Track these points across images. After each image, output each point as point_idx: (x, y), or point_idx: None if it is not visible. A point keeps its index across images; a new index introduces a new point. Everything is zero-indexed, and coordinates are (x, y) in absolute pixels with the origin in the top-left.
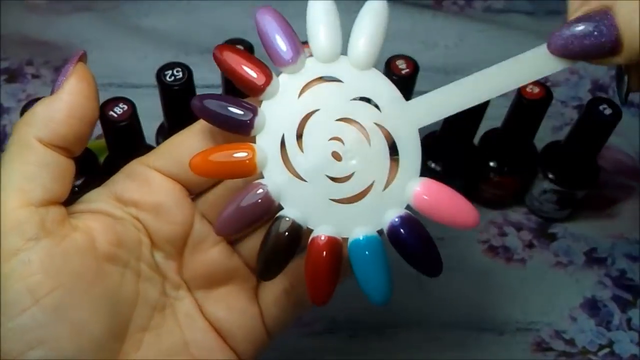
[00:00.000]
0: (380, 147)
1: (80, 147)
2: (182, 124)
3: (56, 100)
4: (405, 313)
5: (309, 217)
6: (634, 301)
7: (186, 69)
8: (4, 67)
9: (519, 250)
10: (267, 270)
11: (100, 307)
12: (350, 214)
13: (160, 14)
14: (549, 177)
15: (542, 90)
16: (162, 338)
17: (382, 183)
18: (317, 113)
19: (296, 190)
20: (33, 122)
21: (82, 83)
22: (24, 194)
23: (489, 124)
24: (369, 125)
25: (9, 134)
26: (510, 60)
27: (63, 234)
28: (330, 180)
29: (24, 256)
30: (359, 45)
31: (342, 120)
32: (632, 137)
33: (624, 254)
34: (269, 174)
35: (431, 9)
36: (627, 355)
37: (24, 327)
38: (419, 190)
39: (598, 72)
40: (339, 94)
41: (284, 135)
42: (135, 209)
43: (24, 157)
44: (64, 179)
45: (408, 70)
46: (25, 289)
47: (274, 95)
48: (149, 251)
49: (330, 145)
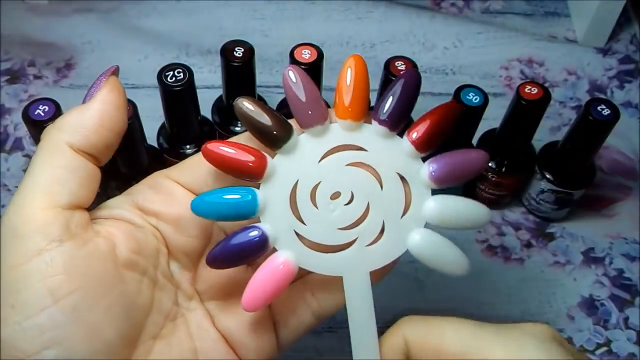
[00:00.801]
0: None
1: (107, 156)
2: (183, 124)
3: (88, 108)
4: (405, 312)
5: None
6: (631, 300)
7: (187, 69)
8: (6, 68)
9: (517, 250)
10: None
11: (116, 313)
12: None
13: (161, 15)
14: (547, 177)
15: (541, 91)
16: (172, 347)
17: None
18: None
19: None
20: (64, 128)
21: (113, 94)
22: (51, 196)
23: (488, 124)
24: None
25: (11, 134)
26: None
27: (86, 238)
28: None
29: (47, 256)
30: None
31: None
32: (630, 138)
33: (621, 253)
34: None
35: (430, 11)
36: (624, 354)
37: (40, 326)
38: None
39: (596, 73)
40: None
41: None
42: (155, 219)
43: (53, 161)
44: (90, 185)
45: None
46: (45, 288)
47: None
48: (165, 261)
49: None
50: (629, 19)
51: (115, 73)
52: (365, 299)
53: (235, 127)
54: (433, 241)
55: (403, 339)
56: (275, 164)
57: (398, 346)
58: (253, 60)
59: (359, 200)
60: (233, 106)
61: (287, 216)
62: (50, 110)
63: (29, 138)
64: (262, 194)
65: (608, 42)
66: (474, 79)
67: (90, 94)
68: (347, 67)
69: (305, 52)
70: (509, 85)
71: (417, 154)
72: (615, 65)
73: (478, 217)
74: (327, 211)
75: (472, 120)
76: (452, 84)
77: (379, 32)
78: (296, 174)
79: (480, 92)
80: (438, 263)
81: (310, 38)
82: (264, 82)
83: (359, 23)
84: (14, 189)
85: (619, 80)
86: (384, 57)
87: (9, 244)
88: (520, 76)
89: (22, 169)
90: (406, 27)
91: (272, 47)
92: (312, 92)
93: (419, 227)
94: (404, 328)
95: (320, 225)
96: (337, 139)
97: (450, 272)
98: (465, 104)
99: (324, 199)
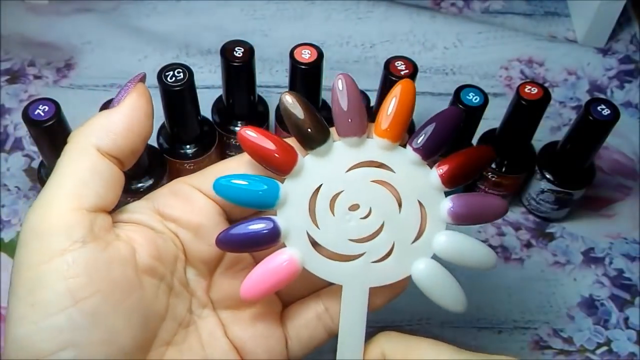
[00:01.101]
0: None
1: (132, 162)
2: (183, 124)
3: (117, 113)
4: (404, 312)
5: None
6: (631, 300)
7: (187, 69)
8: (6, 68)
9: (517, 250)
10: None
11: (133, 318)
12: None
13: (161, 15)
14: (547, 177)
15: (541, 91)
16: (183, 354)
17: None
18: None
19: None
20: (92, 131)
21: (142, 100)
22: (76, 198)
23: (488, 124)
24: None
25: (11, 134)
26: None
27: (108, 241)
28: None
29: (69, 257)
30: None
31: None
32: (630, 138)
33: (621, 253)
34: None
35: (430, 11)
36: (625, 353)
37: (58, 327)
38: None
39: (596, 73)
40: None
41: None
42: (175, 225)
43: (80, 163)
44: (115, 189)
45: (407, 72)
46: (65, 289)
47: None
48: (182, 267)
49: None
50: (629, 19)
51: (143, 80)
52: (359, 312)
53: (235, 127)
54: (436, 274)
55: (382, 354)
56: (305, 163)
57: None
58: (253, 60)
59: (375, 216)
60: (279, 99)
61: (304, 216)
62: (50, 110)
63: (29, 138)
64: (284, 188)
65: (608, 42)
66: (474, 79)
67: (118, 99)
68: (397, 89)
69: (305, 52)
70: (509, 85)
71: (442, 188)
72: (615, 65)
73: (484, 261)
74: (343, 221)
75: (472, 120)
76: (452, 84)
77: (379, 32)
78: (322, 178)
79: (480, 92)
80: (436, 296)
81: (310, 38)
82: (264, 82)
83: (359, 23)
84: (13, 189)
85: (619, 80)
86: (384, 57)
87: (31, 243)
88: (520, 76)
89: (22, 168)
90: (406, 27)
91: (272, 47)
92: (355, 102)
93: (426, 256)
94: (383, 344)
95: (333, 232)
96: (369, 154)
97: (447, 307)
98: (466, 104)
99: (343, 208)
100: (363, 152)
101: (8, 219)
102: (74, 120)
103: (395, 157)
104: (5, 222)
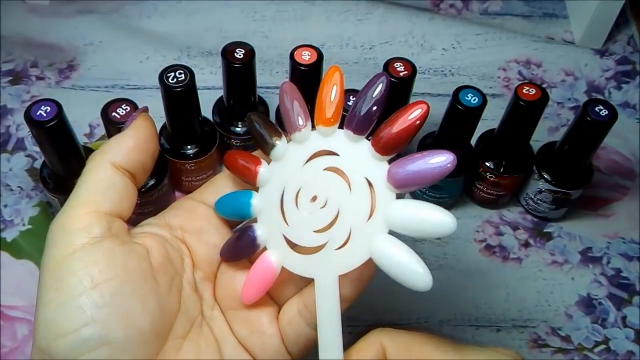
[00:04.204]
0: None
1: (143, 177)
2: (184, 125)
3: (127, 135)
4: (403, 311)
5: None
6: (629, 299)
7: (188, 71)
8: (8, 69)
9: (515, 250)
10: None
11: (149, 305)
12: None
13: (163, 17)
14: (545, 177)
15: (539, 92)
16: (200, 349)
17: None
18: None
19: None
20: (107, 150)
21: (147, 123)
22: (94, 203)
23: (486, 124)
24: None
25: (13, 134)
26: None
27: (124, 240)
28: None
29: (89, 248)
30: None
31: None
32: (627, 138)
33: (619, 253)
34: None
35: (429, 12)
36: (623, 352)
37: (80, 306)
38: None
39: (594, 73)
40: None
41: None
42: (181, 231)
43: (96, 176)
44: (129, 199)
45: (406, 73)
46: (86, 274)
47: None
48: (191, 271)
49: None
50: (626, 20)
51: (145, 112)
52: (332, 302)
53: (235, 128)
54: (391, 249)
55: (381, 348)
56: (270, 169)
57: (376, 354)
58: (253, 61)
59: (331, 204)
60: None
61: (277, 218)
62: (52, 111)
63: (31, 138)
64: (258, 197)
65: (605, 43)
66: (472, 80)
67: (127, 124)
68: (325, 76)
69: (305, 53)
70: (507, 86)
71: (380, 157)
72: (612, 66)
73: (438, 226)
74: (307, 214)
75: (470, 121)
76: (451, 85)
77: (378, 33)
78: (284, 179)
79: (478, 93)
80: (396, 273)
81: (310, 39)
82: (265, 83)
83: (359, 24)
84: (16, 189)
85: (616, 81)
86: (383, 58)
87: (57, 240)
88: (519, 77)
89: (24, 169)
90: (405, 28)
91: (273, 49)
92: (290, 103)
93: (382, 233)
94: (382, 338)
95: (299, 227)
96: (315, 145)
97: (410, 285)
98: (464, 105)
99: (305, 202)
100: (310, 145)
101: (10, 218)
102: (76, 121)
103: (335, 140)
104: (7, 221)
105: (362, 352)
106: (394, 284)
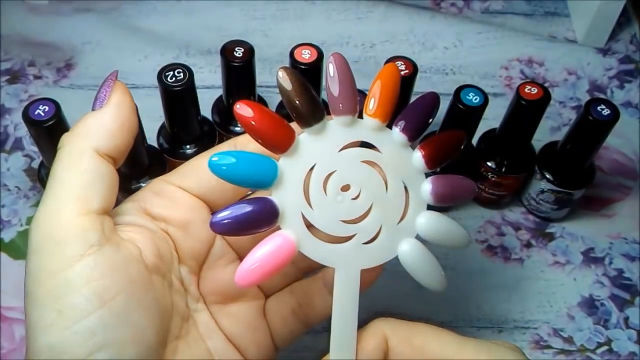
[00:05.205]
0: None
1: (123, 159)
2: (183, 124)
3: (106, 113)
4: (405, 312)
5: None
6: (631, 300)
7: (187, 69)
8: (6, 68)
9: (517, 250)
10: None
11: (153, 314)
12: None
13: (161, 15)
14: (547, 177)
15: (541, 91)
16: (191, 346)
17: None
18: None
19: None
20: (87, 133)
21: (125, 96)
22: (85, 202)
23: (488, 124)
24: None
25: (11, 134)
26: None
27: (117, 242)
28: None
29: (89, 260)
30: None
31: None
32: (630, 138)
33: (621, 253)
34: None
35: (430, 11)
36: (625, 353)
37: (90, 329)
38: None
39: (596, 73)
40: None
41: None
42: (165, 224)
43: (80, 167)
44: (114, 189)
45: (407, 72)
46: (92, 292)
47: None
48: (177, 264)
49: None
50: (628, 19)
51: (116, 77)
52: (352, 295)
53: (235, 127)
54: (420, 254)
55: (383, 338)
56: (299, 141)
57: (378, 344)
58: (253, 60)
59: (365, 197)
60: (276, 77)
61: (299, 197)
62: (50, 110)
63: (29, 138)
64: (280, 167)
65: (608, 42)
66: (474, 79)
67: (102, 99)
68: (382, 72)
69: (305, 52)
70: (509, 85)
71: (424, 169)
72: (615, 65)
73: (460, 240)
74: (335, 201)
75: (472, 120)
76: (452, 84)
77: (378, 32)
78: (316, 157)
79: (480, 92)
80: (420, 276)
81: (310, 38)
82: (264, 82)
83: (359, 23)
84: (14, 189)
85: (618, 80)
86: (384, 57)
87: (47, 250)
88: (520, 76)
89: (22, 168)
90: (406, 27)
91: (272, 47)
92: (346, 83)
93: (410, 236)
94: (384, 327)
95: (326, 213)
96: (359, 134)
97: (429, 286)
98: (465, 104)
99: (335, 188)
100: (354, 132)
101: (8, 219)
102: (74, 120)
103: (383, 138)
104: (5, 222)
105: (364, 341)
106: (394, 285)
